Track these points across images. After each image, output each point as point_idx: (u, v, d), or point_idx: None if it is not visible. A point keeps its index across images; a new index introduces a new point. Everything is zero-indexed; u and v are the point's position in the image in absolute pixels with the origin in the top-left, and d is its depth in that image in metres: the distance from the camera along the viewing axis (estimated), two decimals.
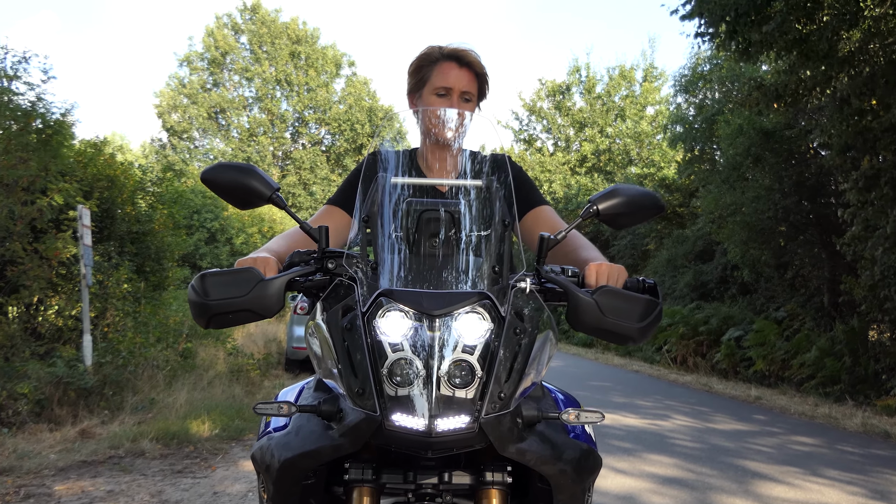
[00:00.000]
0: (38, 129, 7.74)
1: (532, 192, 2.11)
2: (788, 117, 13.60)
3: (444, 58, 2.04)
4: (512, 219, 1.47)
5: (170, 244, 10.92)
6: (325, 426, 1.38)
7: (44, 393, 6.67)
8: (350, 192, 1.92)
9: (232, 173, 1.52)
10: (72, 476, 5.21)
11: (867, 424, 8.62)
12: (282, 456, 1.40)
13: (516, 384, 1.30)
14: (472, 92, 2.05)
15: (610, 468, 5.87)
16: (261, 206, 1.55)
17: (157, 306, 10.04)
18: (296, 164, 37.48)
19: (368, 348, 1.28)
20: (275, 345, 14.50)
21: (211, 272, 1.45)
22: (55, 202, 7.35)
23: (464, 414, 1.23)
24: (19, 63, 7.70)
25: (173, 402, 7.54)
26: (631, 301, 1.44)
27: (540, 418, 1.37)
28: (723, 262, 18.30)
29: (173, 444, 6.26)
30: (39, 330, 7.90)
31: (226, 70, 37.36)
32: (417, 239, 1.42)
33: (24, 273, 7.21)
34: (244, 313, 1.44)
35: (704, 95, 20.12)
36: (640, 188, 1.59)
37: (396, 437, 1.24)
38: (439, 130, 1.96)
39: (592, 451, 1.47)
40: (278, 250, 1.80)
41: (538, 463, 1.34)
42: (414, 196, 1.48)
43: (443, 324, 1.28)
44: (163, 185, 11.68)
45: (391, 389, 1.24)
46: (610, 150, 33.69)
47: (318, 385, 1.59)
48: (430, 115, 1.99)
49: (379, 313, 1.30)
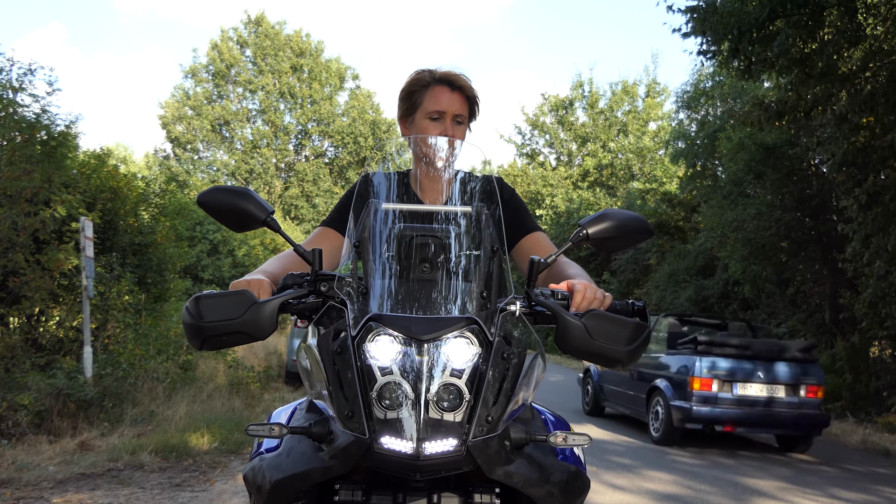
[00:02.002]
0: (42, 140, 7.79)
1: (526, 217, 2.14)
2: (790, 134, 13.63)
3: (436, 82, 2.07)
4: (501, 243, 1.49)
5: (172, 256, 10.94)
6: (316, 448, 1.40)
7: (44, 404, 6.67)
8: (344, 213, 1.95)
9: (227, 196, 1.55)
10: (70, 489, 5.21)
11: (868, 441, 8.61)
12: (273, 477, 1.41)
13: (504, 407, 1.32)
14: (463, 114, 2.09)
15: (609, 484, 5.86)
16: (255, 228, 1.58)
17: (158, 318, 10.05)
18: (299, 177, 37.58)
19: (358, 372, 1.30)
20: (275, 357, 14.50)
21: (205, 294, 1.47)
22: (58, 213, 7.38)
23: (452, 437, 1.25)
24: (24, 75, 7.76)
25: (173, 414, 7.55)
26: (619, 324, 1.46)
27: (528, 441, 1.39)
28: (724, 278, 18.29)
29: (172, 458, 6.26)
30: (40, 341, 7.91)
31: (230, 82, 37.53)
32: (407, 264, 1.44)
33: (26, 284, 7.23)
34: (238, 335, 1.46)
35: (706, 112, 20.17)
36: (630, 213, 1.61)
37: (385, 459, 1.25)
38: (431, 157, 1.99)
39: (580, 473, 1.48)
40: (273, 272, 1.82)
41: (526, 485, 1.36)
42: (405, 221, 1.51)
43: (431, 348, 1.30)
44: (166, 197, 11.71)
45: (380, 413, 1.26)
46: (612, 165, 33.73)
47: (310, 406, 1.61)
48: (421, 141, 2.02)
49: (368, 337, 1.32)
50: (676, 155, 21.23)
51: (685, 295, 19.70)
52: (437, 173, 1.99)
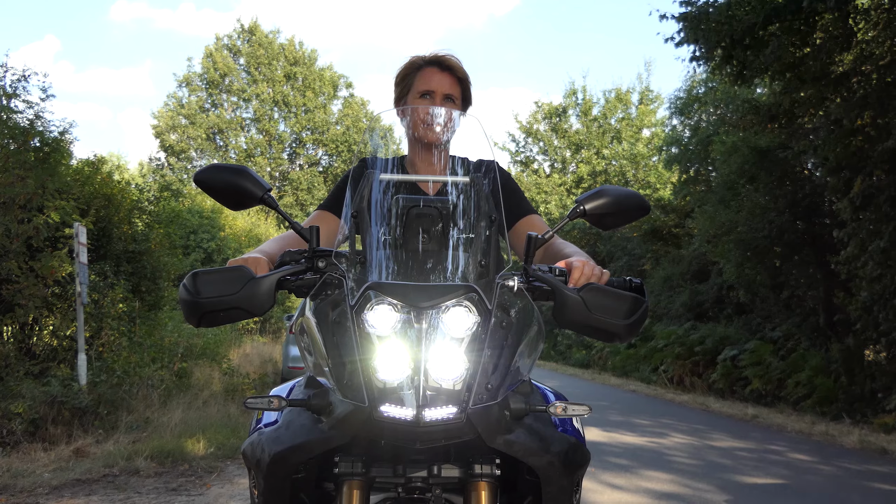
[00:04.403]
0: (36, 147, 7.79)
1: (522, 201, 2.16)
2: (783, 138, 13.70)
3: (427, 64, 2.13)
4: (499, 214, 1.49)
5: (166, 264, 10.92)
6: (315, 420, 1.39)
7: (38, 412, 6.64)
8: (341, 197, 1.95)
9: (224, 174, 1.55)
10: (66, 494, 5.18)
11: (864, 441, 8.60)
12: (272, 450, 1.41)
13: (503, 376, 1.31)
14: (454, 95, 2.13)
15: (607, 484, 5.86)
16: (253, 206, 1.58)
17: (153, 326, 10.03)
18: (293, 185, 37.55)
19: (357, 341, 1.29)
20: (270, 365, 14.48)
21: (203, 270, 1.47)
22: (52, 220, 7.36)
23: (451, 404, 1.24)
24: (18, 81, 7.76)
25: (168, 421, 7.51)
26: (617, 298, 1.46)
27: (528, 411, 1.38)
28: (718, 283, 18.32)
29: (168, 463, 6.22)
30: (34, 349, 7.88)
31: (224, 91, 37.53)
32: (405, 234, 1.44)
33: (20, 292, 7.20)
34: (235, 311, 1.45)
35: (699, 117, 20.26)
36: (627, 189, 1.61)
37: (385, 427, 1.25)
38: (426, 130, 2.01)
39: (581, 446, 1.48)
40: (270, 251, 1.83)
41: (526, 454, 1.35)
42: (403, 192, 1.51)
43: (430, 316, 1.30)
44: (159, 205, 11.71)
45: (379, 381, 1.26)
46: (606, 172, 33.81)
47: (308, 382, 1.60)
48: (416, 115, 2.03)
49: (367, 306, 1.32)
50: (670, 161, 21.33)
51: (680, 300, 19.74)
52: (433, 152, 2.00)
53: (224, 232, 21.67)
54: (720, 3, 10.41)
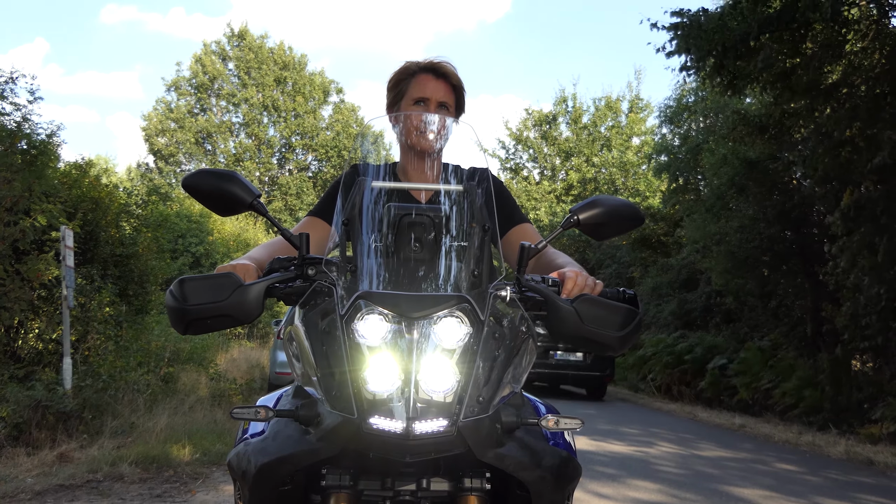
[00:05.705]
0: (23, 149, 7.71)
1: (514, 209, 2.14)
2: (772, 149, 13.76)
3: (421, 70, 2.09)
4: (492, 224, 1.47)
5: (153, 268, 10.85)
6: (303, 431, 1.37)
7: (22, 416, 6.55)
8: (331, 203, 1.92)
9: (213, 180, 1.52)
10: (49, 500, 5.12)
11: (851, 452, 8.62)
12: (258, 461, 1.38)
13: (495, 389, 1.29)
14: (448, 103, 2.09)
15: (594, 493, 5.84)
16: (242, 212, 1.55)
17: (140, 330, 9.94)
18: (282, 190, 37.43)
19: (346, 351, 1.27)
20: (258, 370, 14.38)
21: (190, 277, 1.44)
22: (38, 223, 7.29)
23: (442, 417, 1.22)
24: (6, 83, 7.69)
25: (153, 426, 7.44)
26: (611, 309, 1.45)
27: (519, 424, 1.36)
28: (707, 291, 18.37)
29: (153, 469, 6.16)
30: (19, 353, 7.80)
31: (213, 95, 37.41)
32: (397, 243, 1.41)
33: (5, 295, 7.13)
34: (223, 318, 1.43)
35: (689, 126, 20.34)
36: (621, 199, 1.60)
37: (374, 439, 1.22)
38: (420, 137, 1.98)
39: (572, 459, 1.46)
40: (259, 258, 1.79)
41: (517, 468, 1.33)
42: (395, 200, 1.48)
43: (422, 326, 1.27)
44: (148, 209, 11.64)
45: (369, 392, 1.23)
46: (596, 180, 33.87)
47: (296, 392, 1.58)
48: (410, 121, 2.01)
49: (357, 316, 1.29)
50: (659, 169, 21.38)
51: (669, 309, 19.77)
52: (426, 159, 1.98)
53: (212, 236, 21.56)
54: (712, 13, 10.46)
